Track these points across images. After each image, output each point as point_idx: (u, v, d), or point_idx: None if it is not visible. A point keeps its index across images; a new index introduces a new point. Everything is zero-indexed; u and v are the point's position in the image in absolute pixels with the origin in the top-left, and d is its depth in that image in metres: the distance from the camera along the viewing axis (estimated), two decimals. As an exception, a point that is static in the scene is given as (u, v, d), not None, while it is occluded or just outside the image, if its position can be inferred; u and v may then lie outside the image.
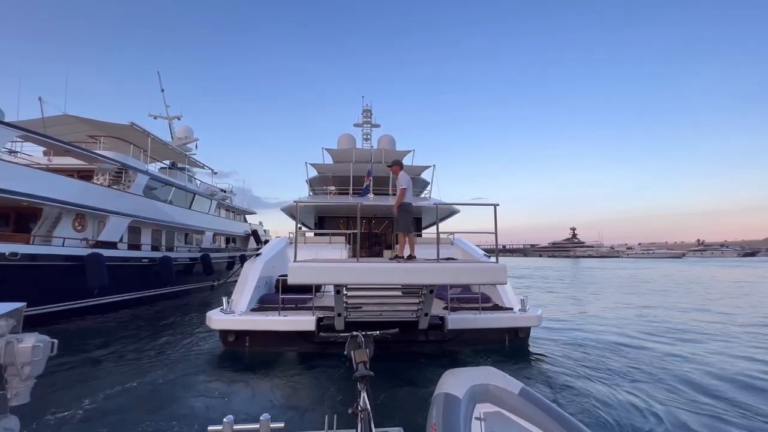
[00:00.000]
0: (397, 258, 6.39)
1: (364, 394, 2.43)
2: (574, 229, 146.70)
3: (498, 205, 5.63)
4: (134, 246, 14.93)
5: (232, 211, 26.78)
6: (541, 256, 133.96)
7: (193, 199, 19.51)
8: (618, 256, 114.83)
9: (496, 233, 5.81)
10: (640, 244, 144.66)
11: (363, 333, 3.05)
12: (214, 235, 22.84)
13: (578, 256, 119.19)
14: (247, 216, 29.76)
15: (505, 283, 6.10)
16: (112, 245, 13.34)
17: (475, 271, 5.60)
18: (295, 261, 5.53)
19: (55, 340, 1.60)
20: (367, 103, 20.71)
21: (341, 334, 3.22)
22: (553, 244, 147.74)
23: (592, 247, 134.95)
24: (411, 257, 6.32)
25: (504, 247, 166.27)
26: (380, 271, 5.32)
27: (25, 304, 1.88)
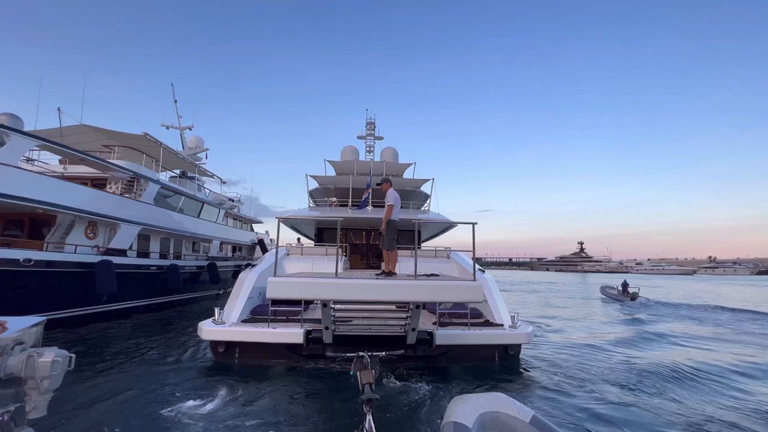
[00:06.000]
0: (383, 274, 6.50)
1: (369, 417, 2.47)
2: (581, 243, 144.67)
3: (476, 224, 5.90)
4: (143, 253, 15.30)
5: (239, 220, 27.25)
6: (548, 270, 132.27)
7: (201, 208, 19.95)
8: (627, 272, 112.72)
9: (474, 251, 6.03)
10: (649, 259, 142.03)
11: (369, 353, 3.06)
12: (221, 243, 23.26)
13: (586, 271, 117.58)
14: (253, 225, 30.25)
15: (481, 302, 6.17)
16: (122, 253, 13.72)
17: (451, 289, 5.64)
18: (275, 276, 5.51)
19: (73, 355, 1.77)
20: (371, 115, 21.03)
21: (347, 354, 3.18)
22: (561, 258, 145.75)
23: (600, 261, 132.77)
24: (391, 273, 6.43)
25: (510, 260, 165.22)
26: (357, 287, 5.34)
27: (45, 319, 2.14)
